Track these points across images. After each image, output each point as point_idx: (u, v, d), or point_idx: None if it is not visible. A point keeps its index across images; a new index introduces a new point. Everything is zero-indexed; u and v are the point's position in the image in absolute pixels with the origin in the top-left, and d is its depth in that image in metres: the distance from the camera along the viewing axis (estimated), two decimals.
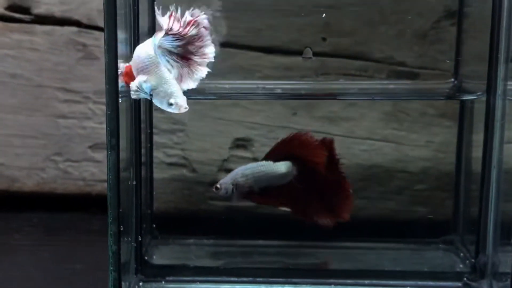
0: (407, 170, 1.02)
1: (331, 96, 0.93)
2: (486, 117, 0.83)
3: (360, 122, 1.02)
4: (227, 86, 0.91)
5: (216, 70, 0.97)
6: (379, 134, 1.03)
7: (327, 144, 0.85)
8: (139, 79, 0.69)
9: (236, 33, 0.98)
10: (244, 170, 0.85)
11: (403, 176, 1.02)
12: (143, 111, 0.86)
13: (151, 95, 0.69)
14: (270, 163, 0.85)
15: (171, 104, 0.69)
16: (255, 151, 1.02)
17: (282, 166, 0.85)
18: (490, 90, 0.82)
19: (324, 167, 0.84)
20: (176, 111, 0.70)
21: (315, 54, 0.96)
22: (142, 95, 0.70)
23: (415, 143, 1.02)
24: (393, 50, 0.97)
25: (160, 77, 0.69)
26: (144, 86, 0.69)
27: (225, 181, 0.84)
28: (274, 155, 0.86)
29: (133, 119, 0.81)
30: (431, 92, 0.93)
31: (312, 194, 0.85)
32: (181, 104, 0.69)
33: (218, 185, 0.84)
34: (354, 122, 1.02)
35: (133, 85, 0.70)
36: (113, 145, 0.70)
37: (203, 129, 1.03)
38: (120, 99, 0.70)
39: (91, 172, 1.13)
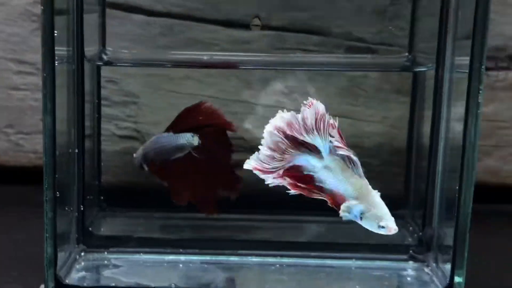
0: (362, 145, 1.01)
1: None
2: (434, 90, 0.83)
3: (317, 96, 1.01)
4: (181, 57, 0.90)
5: (172, 43, 0.96)
6: (335, 110, 1.02)
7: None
8: (350, 202, 0.67)
9: (194, 6, 0.97)
10: (149, 142, 0.83)
11: (357, 151, 1.01)
12: (89, 81, 0.85)
13: (360, 218, 0.68)
14: (170, 134, 0.83)
15: (382, 227, 0.68)
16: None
17: (180, 138, 0.83)
18: (439, 63, 0.81)
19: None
20: (385, 233, 0.68)
21: (273, 28, 0.95)
22: (350, 217, 0.68)
23: (371, 119, 1.01)
24: (351, 26, 0.96)
25: (372, 201, 0.68)
26: (355, 209, 0.68)
27: (138, 152, 0.83)
28: (178, 126, 0.83)
29: (76, 88, 0.79)
30: (386, 66, 0.93)
31: (210, 169, 0.83)
32: (391, 226, 0.68)
33: (134, 155, 0.82)
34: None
35: (344, 206, 0.67)
36: (49, 109, 0.69)
37: (156, 102, 1.02)
38: (56, 62, 0.69)
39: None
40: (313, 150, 0.68)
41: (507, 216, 1.08)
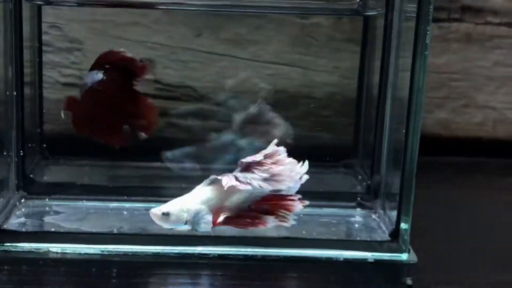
0: (312, 95, 1.00)
1: None
2: (384, 37, 0.82)
3: (267, 45, 0.99)
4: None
5: None
6: (285, 59, 1.00)
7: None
8: None
9: None
10: None
11: (308, 101, 1.00)
12: (29, 24, 0.81)
13: None
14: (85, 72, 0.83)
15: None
16: (157, 73, 0.98)
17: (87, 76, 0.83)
18: (389, 5, 0.80)
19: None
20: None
21: None
22: None
23: (322, 69, 1.00)
24: None
25: None
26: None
27: None
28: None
29: (13, 29, 0.76)
30: (336, 11, 0.91)
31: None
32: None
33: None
34: (261, 45, 0.99)
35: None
36: None
37: (101, 48, 0.98)
38: None
39: None
40: None
41: (457, 167, 1.08)
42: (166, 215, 0.70)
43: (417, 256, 0.74)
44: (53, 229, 0.73)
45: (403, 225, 0.74)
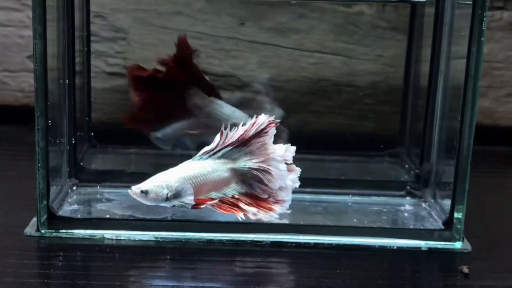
0: (355, 84, 0.99)
1: None
2: (435, 22, 0.81)
3: (309, 34, 0.99)
4: None
5: None
6: (328, 47, 1.00)
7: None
8: None
9: None
10: None
11: (350, 90, 1.00)
12: (77, 15, 0.82)
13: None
14: None
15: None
16: (201, 62, 0.98)
17: None
18: None
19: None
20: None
21: None
22: None
23: (365, 57, 0.99)
24: None
25: None
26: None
27: None
28: None
29: (65, 17, 0.76)
30: None
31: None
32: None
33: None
34: (304, 34, 0.99)
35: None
36: (39, 33, 0.66)
37: (145, 38, 0.99)
38: None
39: (29, 83, 1.08)
40: None
41: (500, 157, 1.07)
42: (144, 193, 0.70)
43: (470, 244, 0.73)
44: (107, 216, 0.73)
45: (457, 215, 0.73)
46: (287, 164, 0.73)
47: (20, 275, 0.64)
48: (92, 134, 0.89)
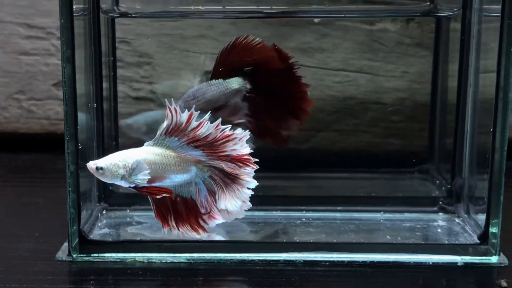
0: (381, 101, 0.99)
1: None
2: (461, 36, 0.81)
3: (334, 53, 0.99)
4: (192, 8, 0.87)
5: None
6: (353, 65, 0.99)
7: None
8: None
9: None
10: (196, 91, 0.80)
11: (378, 107, 0.99)
12: (103, 40, 0.82)
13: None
14: (220, 81, 0.80)
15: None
16: None
17: (233, 83, 0.80)
18: (466, 6, 0.79)
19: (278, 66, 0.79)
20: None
21: None
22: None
23: (391, 74, 0.99)
24: None
25: None
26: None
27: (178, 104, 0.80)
28: (222, 70, 0.79)
29: (92, 41, 0.77)
30: (406, 11, 0.90)
31: (271, 101, 0.81)
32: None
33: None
34: (328, 53, 0.99)
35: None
36: (68, 56, 0.66)
37: (170, 62, 0.99)
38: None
39: (55, 110, 1.09)
40: None
41: None
42: (100, 169, 0.69)
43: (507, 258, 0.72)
44: (138, 238, 0.73)
45: (492, 228, 0.72)
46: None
47: None
48: None
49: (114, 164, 0.69)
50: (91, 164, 0.69)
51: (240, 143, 0.71)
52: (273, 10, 0.87)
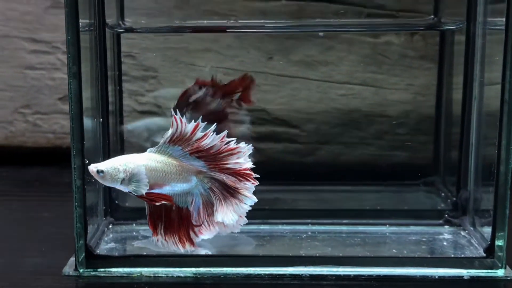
0: (386, 114, 0.99)
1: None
2: (466, 49, 0.81)
3: (338, 66, 0.99)
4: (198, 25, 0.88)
5: (188, 16, 0.94)
6: (357, 78, 1.00)
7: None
8: None
9: None
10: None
11: (382, 120, 1.00)
12: (109, 54, 0.82)
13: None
14: None
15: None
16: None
17: None
18: (470, 19, 0.79)
19: None
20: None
21: None
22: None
23: (395, 87, 0.99)
24: None
25: None
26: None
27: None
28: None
29: (98, 56, 0.77)
30: (410, 25, 0.90)
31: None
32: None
33: None
34: (332, 66, 0.99)
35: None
36: (74, 72, 0.66)
37: (175, 75, 1.00)
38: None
39: (61, 124, 1.09)
40: None
41: None
42: (100, 172, 0.69)
43: None
44: (145, 253, 0.73)
45: (498, 242, 0.72)
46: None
47: None
48: None
49: (115, 168, 0.69)
50: (92, 167, 0.69)
51: (244, 157, 0.71)
52: (277, 24, 0.88)
